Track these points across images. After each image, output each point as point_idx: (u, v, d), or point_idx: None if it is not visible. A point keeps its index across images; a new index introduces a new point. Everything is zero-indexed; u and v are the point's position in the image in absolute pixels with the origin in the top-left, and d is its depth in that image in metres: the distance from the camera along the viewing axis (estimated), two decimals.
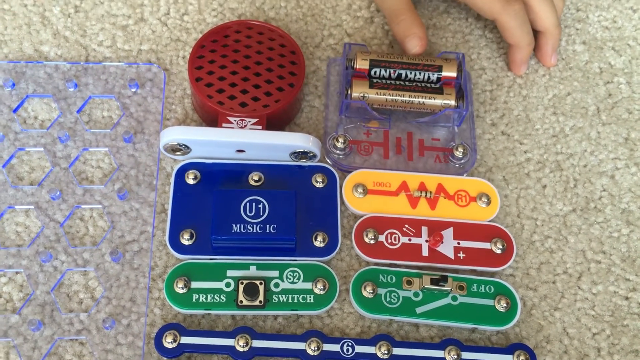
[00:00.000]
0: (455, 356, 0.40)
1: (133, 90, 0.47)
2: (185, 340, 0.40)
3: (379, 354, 0.40)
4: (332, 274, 0.42)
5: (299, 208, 0.43)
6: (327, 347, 0.40)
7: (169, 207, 0.43)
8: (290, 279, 0.42)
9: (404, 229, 0.44)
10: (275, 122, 0.45)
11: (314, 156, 0.44)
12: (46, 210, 0.43)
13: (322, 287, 0.41)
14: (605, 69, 0.51)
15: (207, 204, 0.43)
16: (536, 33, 0.50)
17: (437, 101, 0.46)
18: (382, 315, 0.41)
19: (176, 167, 0.44)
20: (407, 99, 0.46)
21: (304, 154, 0.44)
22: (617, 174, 0.47)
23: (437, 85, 0.47)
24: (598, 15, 0.53)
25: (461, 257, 0.43)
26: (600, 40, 0.52)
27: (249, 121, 0.44)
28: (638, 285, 0.44)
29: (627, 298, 0.44)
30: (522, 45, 0.49)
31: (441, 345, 0.41)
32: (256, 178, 0.44)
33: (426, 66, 0.46)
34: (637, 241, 0.45)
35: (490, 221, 0.45)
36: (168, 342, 0.39)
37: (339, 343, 0.40)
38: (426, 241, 0.43)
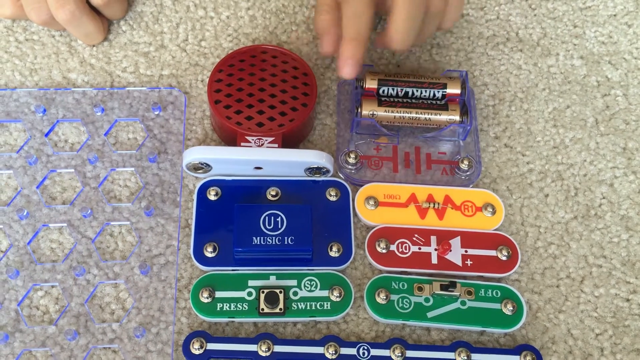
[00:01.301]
0: (466, 357, 0.42)
1: (156, 113, 0.50)
2: (211, 346, 0.42)
3: (393, 357, 0.42)
4: (347, 282, 0.44)
5: (315, 221, 0.45)
6: (344, 350, 0.42)
7: (193, 222, 0.46)
8: (308, 287, 0.44)
9: (414, 239, 0.46)
10: (290, 140, 0.47)
11: (327, 171, 0.47)
12: (78, 228, 0.46)
13: (338, 295, 0.43)
14: (603, 82, 0.53)
15: (228, 219, 0.45)
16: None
17: (443, 117, 0.48)
18: (395, 320, 0.43)
19: (198, 185, 0.47)
20: (414, 115, 0.48)
21: (317, 170, 0.47)
22: (615, 182, 0.50)
23: (442, 102, 0.49)
24: (595, 31, 0.55)
25: (469, 264, 0.45)
26: (597, 55, 0.54)
27: (266, 140, 0.46)
28: (638, 288, 0.46)
29: (627, 300, 0.46)
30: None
31: (452, 348, 0.43)
32: (273, 193, 0.47)
33: (431, 84, 0.49)
34: (637, 246, 0.47)
35: (495, 230, 0.47)
36: (195, 348, 0.42)
37: (355, 347, 0.42)
38: (435, 250, 0.45)
